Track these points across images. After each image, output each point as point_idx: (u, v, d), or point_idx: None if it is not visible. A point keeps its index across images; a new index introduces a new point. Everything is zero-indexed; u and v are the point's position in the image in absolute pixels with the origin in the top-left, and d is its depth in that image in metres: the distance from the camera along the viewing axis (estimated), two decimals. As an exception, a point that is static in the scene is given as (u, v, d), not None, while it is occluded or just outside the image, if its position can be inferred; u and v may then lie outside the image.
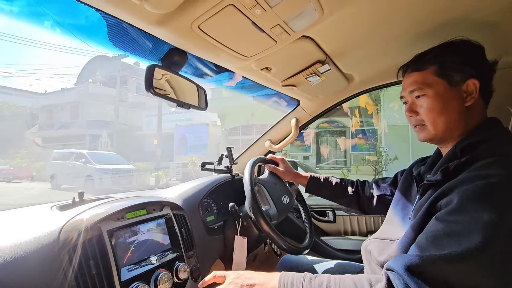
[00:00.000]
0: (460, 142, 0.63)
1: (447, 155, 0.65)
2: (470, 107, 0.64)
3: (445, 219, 0.52)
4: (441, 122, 0.65)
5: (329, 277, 0.57)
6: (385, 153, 7.73)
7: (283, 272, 0.61)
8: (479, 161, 0.56)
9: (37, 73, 39.62)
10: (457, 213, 0.51)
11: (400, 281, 0.48)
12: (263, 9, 0.56)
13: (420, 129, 0.70)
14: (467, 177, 0.54)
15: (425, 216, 0.58)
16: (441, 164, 0.64)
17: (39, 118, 19.50)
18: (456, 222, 0.49)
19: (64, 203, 0.80)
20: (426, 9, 0.67)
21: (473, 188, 0.51)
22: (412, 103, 0.70)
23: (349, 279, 0.55)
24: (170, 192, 1.01)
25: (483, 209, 0.48)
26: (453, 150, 0.64)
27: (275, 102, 1.66)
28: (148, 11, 0.52)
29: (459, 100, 0.64)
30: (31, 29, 41.56)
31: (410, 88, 0.69)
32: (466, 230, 0.48)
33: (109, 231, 0.66)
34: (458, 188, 0.54)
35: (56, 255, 0.57)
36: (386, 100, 8.04)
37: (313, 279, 0.57)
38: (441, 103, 0.65)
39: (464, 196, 0.51)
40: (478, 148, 0.59)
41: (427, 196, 0.62)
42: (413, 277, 0.47)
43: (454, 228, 0.49)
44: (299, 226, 1.40)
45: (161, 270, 0.71)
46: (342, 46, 0.85)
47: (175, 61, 0.72)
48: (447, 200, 0.54)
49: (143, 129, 17.36)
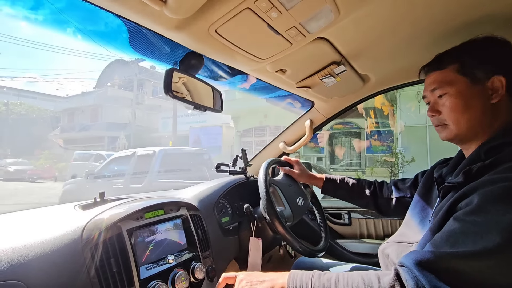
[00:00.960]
0: (485, 144, 0.61)
1: (471, 157, 0.63)
2: (496, 105, 0.62)
3: (463, 219, 0.51)
4: (463, 120, 0.63)
5: (337, 273, 0.56)
6: (401, 155, 7.53)
7: (292, 271, 0.61)
8: (503, 164, 0.54)
9: (60, 78, 41.44)
10: (476, 213, 0.49)
11: (410, 276, 0.47)
12: (279, 12, 0.56)
13: (442, 129, 0.68)
14: (490, 179, 0.52)
15: (444, 218, 0.56)
16: (464, 166, 0.62)
17: (61, 121, 20.39)
18: (474, 222, 0.48)
19: (86, 202, 0.84)
20: (445, 8, 0.65)
21: (495, 189, 0.49)
22: (434, 103, 0.69)
23: (357, 274, 0.54)
24: (186, 193, 1.03)
25: (504, 211, 0.46)
26: (477, 152, 0.61)
27: (289, 104, 1.66)
28: (167, 17, 0.53)
29: (483, 98, 0.62)
30: (55, 36, 43.45)
31: (431, 87, 0.68)
32: (484, 230, 0.46)
33: (129, 230, 0.68)
34: (479, 190, 0.52)
35: (79, 253, 0.59)
36: (403, 100, 7.84)
37: (321, 275, 0.57)
38: (463, 101, 0.63)
39: (484, 197, 0.50)
40: (503, 151, 0.56)
41: (448, 199, 0.60)
42: (424, 271, 0.47)
43: (472, 228, 0.48)
44: (314, 228, 1.38)
45: (178, 270, 0.73)
46: (358, 47, 0.84)
47: (192, 65, 0.73)
48: (467, 201, 0.53)
49: (159, 131, 17.72)
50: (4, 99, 20.05)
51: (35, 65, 69.24)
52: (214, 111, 0.85)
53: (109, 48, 0.88)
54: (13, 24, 62.37)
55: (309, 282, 0.56)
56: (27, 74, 49.22)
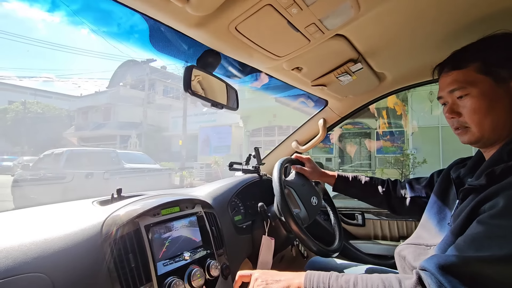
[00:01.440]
0: (508, 144, 0.58)
1: (492, 158, 0.60)
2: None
3: (487, 222, 0.49)
4: (487, 123, 0.60)
5: (356, 275, 0.55)
6: (412, 156, 7.37)
7: (308, 271, 0.60)
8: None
9: (74, 77, 42.57)
10: (502, 217, 0.47)
11: (432, 280, 0.46)
12: (299, 8, 0.56)
13: (463, 132, 0.65)
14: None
15: (466, 221, 0.54)
16: (486, 168, 0.59)
17: (75, 120, 20.92)
18: (499, 226, 0.46)
19: (103, 198, 0.85)
20: (466, 2, 0.63)
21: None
22: (453, 104, 0.65)
23: (377, 277, 0.53)
24: (200, 191, 1.03)
25: None
26: (499, 152, 0.59)
27: (301, 103, 1.65)
28: (188, 14, 0.53)
29: (507, 98, 0.59)
30: (70, 37, 44.59)
31: (450, 87, 0.64)
32: (510, 234, 0.45)
33: (146, 226, 0.69)
34: (504, 192, 0.50)
35: (99, 247, 0.60)
36: (415, 100, 7.68)
37: (339, 277, 0.56)
38: (488, 102, 0.60)
39: (510, 200, 0.48)
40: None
41: (469, 201, 0.58)
42: (448, 276, 0.45)
43: (497, 232, 0.46)
44: (327, 228, 1.37)
45: (194, 266, 0.73)
46: (376, 44, 0.82)
47: (209, 62, 0.74)
48: (492, 204, 0.50)
49: (169, 130, 17.96)
50: (22, 98, 20.72)
51: (51, 65, 71.39)
52: (230, 108, 0.85)
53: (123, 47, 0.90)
54: (30, 25, 64.42)
55: (327, 283, 0.55)
56: (44, 74, 50.85)
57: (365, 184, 1.04)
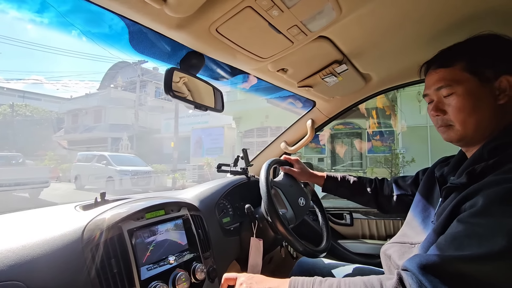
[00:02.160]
0: (488, 144, 0.59)
1: (473, 156, 0.61)
2: (503, 105, 0.59)
3: (467, 221, 0.49)
4: (471, 122, 0.61)
5: (339, 279, 0.55)
6: (401, 155, 7.49)
7: (293, 277, 0.59)
8: (508, 163, 0.52)
9: (64, 79, 41.77)
10: (480, 215, 0.48)
11: (413, 280, 0.46)
12: (280, 10, 0.56)
13: (446, 129, 0.65)
14: (494, 179, 0.51)
15: (447, 219, 0.55)
16: (467, 166, 0.60)
17: (65, 122, 20.54)
18: (478, 225, 0.47)
19: (87, 203, 0.84)
20: (447, 4, 0.64)
21: (500, 190, 0.48)
22: (439, 102, 0.65)
23: (359, 279, 0.53)
24: (187, 193, 1.02)
25: (509, 213, 0.45)
26: (480, 151, 0.59)
27: (290, 104, 1.65)
28: (167, 16, 0.53)
29: (491, 98, 0.59)
30: (59, 39, 43.84)
31: (436, 85, 0.64)
32: (489, 233, 0.45)
33: (130, 231, 0.68)
34: (483, 191, 0.50)
35: (80, 253, 0.59)
36: (403, 100, 7.80)
37: (323, 281, 0.56)
38: (472, 101, 0.60)
39: (489, 199, 0.48)
40: (507, 150, 0.55)
41: (451, 199, 0.59)
42: (429, 275, 0.45)
43: (477, 230, 0.47)
44: (315, 228, 1.38)
45: (179, 270, 0.72)
46: (360, 46, 0.83)
47: (193, 64, 0.73)
48: (471, 203, 0.51)
49: (161, 132, 17.79)
50: (10, 101, 20.22)
51: (40, 67, 69.94)
52: (215, 110, 0.85)
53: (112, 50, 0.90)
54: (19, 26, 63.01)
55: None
56: (33, 76, 49.78)
57: (354, 183, 1.05)
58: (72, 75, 52.64)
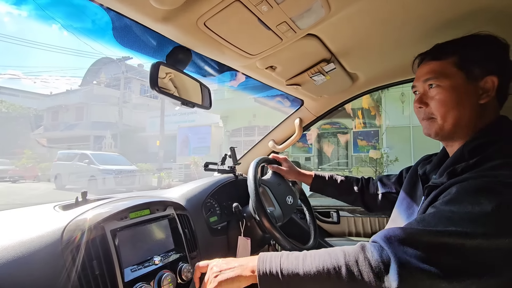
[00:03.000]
0: (468, 143, 0.60)
1: (454, 156, 0.62)
2: (484, 105, 0.61)
3: (438, 207, 0.52)
4: (452, 117, 0.62)
5: (305, 252, 0.57)
6: (385, 155, 7.70)
7: (261, 253, 0.60)
8: (487, 163, 0.54)
9: (44, 75, 40.06)
10: (451, 203, 0.50)
11: (375, 248, 0.49)
12: (269, 6, 0.55)
13: (428, 123, 0.66)
14: (471, 176, 0.53)
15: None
16: (448, 166, 0.61)
17: (44, 119, 19.71)
18: (449, 211, 0.49)
19: (67, 202, 0.80)
20: (436, 5, 0.65)
21: (473, 183, 0.51)
22: (424, 94, 0.66)
23: (324, 251, 0.55)
24: (173, 192, 1.00)
25: (479, 203, 0.47)
26: (460, 151, 0.61)
27: (278, 102, 1.65)
28: (153, 7, 0.51)
29: (474, 96, 0.61)
30: (39, 33, 42.12)
31: (425, 76, 0.65)
32: (456, 217, 0.48)
33: (113, 231, 0.65)
34: (457, 183, 0.53)
35: (59, 255, 0.56)
36: (388, 101, 8.00)
37: (289, 254, 0.57)
38: (456, 96, 0.61)
39: (462, 189, 0.51)
40: (487, 150, 0.56)
41: (432, 198, 0.60)
42: (391, 244, 0.48)
43: (445, 214, 0.49)
44: (303, 227, 1.38)
45: (164, 271, 0.70)
46: (348, 45, 0.84)
47: (179, 59, 0.71)
48: (445, 194, 0.54)
49: (146, 130, 17.44)
50: (-16, 97, 19.23)
51: (17, 61, 66.78)
52: (203, 107, 0.83)
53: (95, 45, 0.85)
54: (-7, 18, 60.09)
55: (278, 262, 0.55)
56: (9, 71, 47.45)
57: (341, 183, 1.06)
58: (52, 70, 50.60)
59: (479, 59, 0.61)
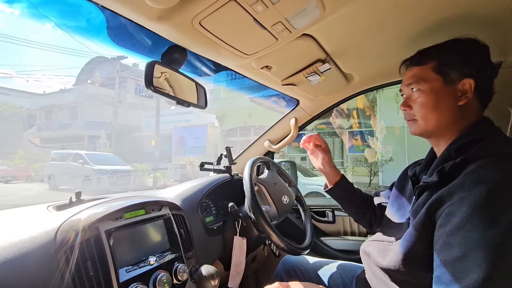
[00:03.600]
0: (454, 142, 0.62)
1: (442, 155, 0.64)
2: (463, 106, 0.64)
3: (451, 243, 0.50)
4: (432, 118, 0.66)
5: None
6: (380, 154, 7.77)
7: None
8: (473, 161, 0.55)
9: (37, 74, 39.40)
10: (462, 230, 0.49)
11: None
12: (265, 6, 0.55)
13: (412, 123, 0.71)
14: (463, 182, 0.53)
15: (424, 221, 0.57)
16: (437, 165, 0.63)
17: (37, 119, 19.43)
18: (467, 239, 0.48)
19: (61, 203, 0.79)
20: (429, 6, 0.66)
21: (472, 199, 0.50)
22: (408, 97, 0.71)
23: None
24: (169, 192, 1.00)
25: (490, 222, 0.47)
26: (447, 150, 0.63)
27: (274, 102, 1.65)
28: (148, 6, 0.51)
29: (452, 99, 0.64)
30: (31, 31, 41.53)
31: (408, 81, 0.70)
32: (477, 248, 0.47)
33: (107, 231, 0.65)
34: (456, 195, 0.53)
35: (52, 256, 0.56)
36: (383, 101, 8.07)
37: None
38: (434, 99, 0.65)
39: (464, 213, 0.50)
40: (472, 148, 0.58)
41: (424, 197, 0.61)
42: None
43: (467, 248, 0.48)
44: (299, 226, 1.39)
45: (160, 271, 0.70)
46: (343, 45, 0.84)
47: (175, 59, 0.71)
48: (448, 211, 0.53)
49: (141, 130, 17.31)
50: (-25, 96, 18.89)
51: (9, 60, 65.62)
52: (198, 107, 0.83)
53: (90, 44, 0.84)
54: (-16, 16, 59.05)
55: None
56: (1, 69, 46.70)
57: (360, 193, 1.01)
58: (46, 69, 49.81)
59: (456, 63, 0.64)
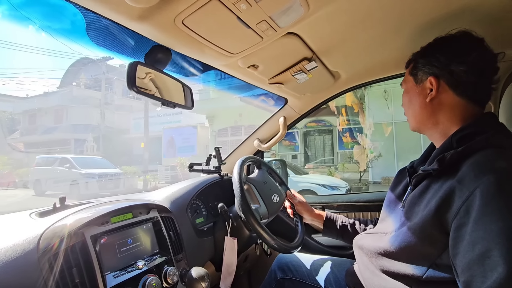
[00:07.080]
0: (457, 133, 0.63)
1: (443, 145, 0.64)
2: (435, 102, 0.67)
3: (472, 240, 0.49)
4: (409, 115, 0.75)
5: None
6: (369, 150, 7.90)
7: None
8: (476, 151, 0.56)
9: (19, 77, 37.98)
10: (476, 226, 0.48)
11: None
12: (248, 4, 0.55)
13: (407, 119, 0.77)
14: (469, 172, 0.53)
15: (427, 215, 0.56)
16: (437, 154, 0.63)
17: (21, 123, 18.81)
18: (490, 231, 0.47)
19: (44, 209, 0.77)
20: (413, 5, 0.67)
21: (485, 191, 0.49)
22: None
23: None
24: (157, 195, 0.98)
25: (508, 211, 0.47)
26: (449, 140, 0.63)
27: (263, 101, 1.65)
28: (129, 5, 0.50)
29: (421, 96, 0.69)
30: (13, 33, 40.11)
31: (402, 82, 0.78)
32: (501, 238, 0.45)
33: (93, 237, 0.63)
34: (465, 187, 0.52)
35: (35, 264, 0.54)
36: (371, 98, 8.19)
37: None
38: (408, 98, 0.74)
39: (479, 208, 0.49)
40: (475, 139, 0.58)
41: (422, 186, 0.62)
42: None
43: (491, 240, 0.46)
44: (290, 225, 1.39)
45: (149, 275, 0.69)
46: (328, 43, 0.84)
47: (158, 59, 0.69)
48: (466, 207, 0.51)
49: (130, 132, 17.03)
50: (-48, 101, 18.13)
51: (-13, 63, 63.21)
52: (185, 107, 0.82)
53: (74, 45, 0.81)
54: (-39, 17, 56.68)
55: None
56: (-21, 73, 44.63)
57: (352, 225, 1.01)
58: (28, 71, 48.18)
59: (420, 65, 0.70)
